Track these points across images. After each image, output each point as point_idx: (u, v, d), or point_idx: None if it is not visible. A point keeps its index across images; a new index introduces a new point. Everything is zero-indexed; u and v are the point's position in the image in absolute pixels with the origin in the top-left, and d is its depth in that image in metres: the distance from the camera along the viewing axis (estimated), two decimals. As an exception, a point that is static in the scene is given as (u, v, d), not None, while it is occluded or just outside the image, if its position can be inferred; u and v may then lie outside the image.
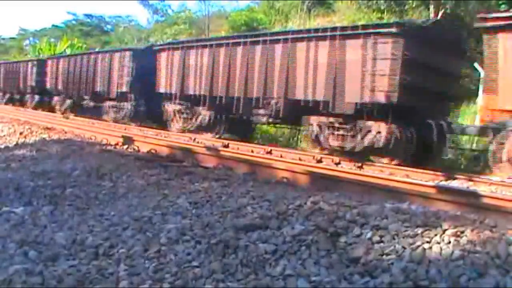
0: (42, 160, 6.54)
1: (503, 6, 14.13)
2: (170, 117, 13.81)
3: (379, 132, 8.69)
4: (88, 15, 48.05)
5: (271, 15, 26.81)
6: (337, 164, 8.67)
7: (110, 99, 16.63)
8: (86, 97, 18.11)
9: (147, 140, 8.90)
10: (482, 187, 6.79)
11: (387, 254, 2.69)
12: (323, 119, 9.61)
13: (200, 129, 12.83)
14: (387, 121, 8.59)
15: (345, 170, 7.03)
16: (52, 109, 20.39)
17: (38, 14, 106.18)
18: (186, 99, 13.22)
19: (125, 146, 8.25)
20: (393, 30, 8.42)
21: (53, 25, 48.91)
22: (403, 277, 2.46)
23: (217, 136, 12.46)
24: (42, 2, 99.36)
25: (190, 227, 3.45)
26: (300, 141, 12.86)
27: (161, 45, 15.54)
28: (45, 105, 21.58)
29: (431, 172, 7.71)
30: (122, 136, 9.10)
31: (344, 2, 24.04)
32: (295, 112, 10.15)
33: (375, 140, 8.72)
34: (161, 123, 14.28)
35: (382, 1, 19.59)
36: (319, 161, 8.85)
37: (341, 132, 9.32)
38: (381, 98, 8.57)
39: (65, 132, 10.16)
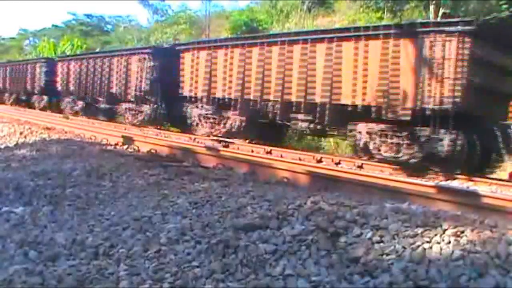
0: (42, 160, 6.54)
1: (503, 6, 14.12)
2: (195, 122, 12.82)
3: (440, 140, 7.88)
4: (88, 15, 48.05)
5: (273, 15, 26.80)
6: (337, 164, 8.66)
7: (127, 101, 15.49)
8: (100, 99, 16.99)
9: (147, 140, 8.90)
10: (482, 187, 6.79)
11: (387, 254, 2.69)
12: (373, 125, 8.73)
13: (229, 134, 11.76)
14: (449, 127, 7.75)
15: (345, 170, 7.03)
16: (61, 111, 19.33)
17: (38, 14, 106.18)
18: (213, 103, 12.19)
19: (125, 146, 8.25)
20: (459, 28, 7.60)
21: (53, 25, 48.93)
22: (403, 277, 2.46)
23: (247, 141, 11.53)
24: (42, 2, 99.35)
25: (190, 227, 3.45)
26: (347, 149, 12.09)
27: (185, 44, 14.36)
28: (54, 106, 20.74)
29: (431, 172, 7.71)
30: (122, 136, 9.10)
31: (344, 2, 24.05)
32: (341, 118, 9.28)
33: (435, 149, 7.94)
34: (184, 127, 13.52)
35: (382, 1, 19.59)
36: (319, 161, 8.85)
37: (394, 140, 8.44)
38: (444, 102, 7.73)
39: (65, 132, 10.16)
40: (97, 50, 26.33)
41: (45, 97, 21.46)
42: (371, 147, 8.75)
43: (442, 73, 7.74)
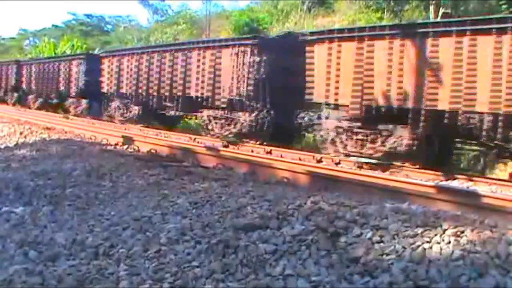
0: (42, 160, 6.54)
1: (503, 6, 14.13)
2: (336, 138, 9.32)
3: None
4: (88, 15, 48.12)
5: (274, 15, 26.80)
6: (337, 164, 8.66)
7: (213, 108, 12.12)
8: (169, 104, 13.57)
9: (147, 140, 8.90)
10: (482, 187, 6.79)
11: (387, 254, 2.69)
12: None
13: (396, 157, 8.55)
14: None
15: (345, 170, 7.03)
16: (110, 118, 16.33)
17: (38, 14, 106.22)
18: (365, 112, 8.77)
19: (125, 146, 8.25)
20: None
21: (53, 25, 48.99)
22: (403, 277, 2.46)
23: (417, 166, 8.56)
24: (42, 2, 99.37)
25: (190, 227, 3.45)
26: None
27: (315, 32, 10.25)
28: (95, 112, 17.62)
29: (431, 172, 7.70)
30: (122, 136, 9.10)
31: (344, 2, 24.06)
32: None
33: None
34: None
35: (382, 1, 19.60)
36: (319, 161, 8.85)
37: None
38: None
39: (65, 132, 10.16)
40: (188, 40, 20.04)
41: (84, 101, 18.46)
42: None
43: None
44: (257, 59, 10.88)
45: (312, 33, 10.13)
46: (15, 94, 24.06)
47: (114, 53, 17.08)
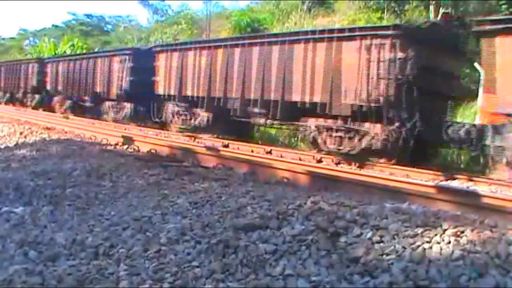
0: (42, 160, 6.54)
1: (503, 6, 14.11)
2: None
3: None
4: (88, 15, 48.14)
5: (275, 15, 26.80)
6: (337, 164, 8.66)
7: (325, 117, 9.57)
8: (256, 110, 10.86)
9: (147, 140, 8.90)
10: (482, 187, 6.79)
11: (387, 254, 2.69)
12: None
13: None
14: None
15: (345, 170, 7.03)
16: (164, 126, 13.90)
17: (38, 14, 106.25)
18: None
19: (125, 146, 8.26)
20: None
21: (53, 25, 49.01)
22: (403, 277, 2.46)
23: None
24: (42, 2, 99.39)
25: (190, 227, 3.45)
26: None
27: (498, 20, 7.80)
28: (140, 117, 15.17)
29: (431, 172, 7.71)
30: (122, 136, 9.10)
31: (344, 2, 24.06)
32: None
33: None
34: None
35: (382, 1, 19.59)
36: (319, 161, 8.85)
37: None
38: None
39: (65, 132, 10.17)
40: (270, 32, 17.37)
41: (128, 105, 15.64)
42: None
43: None
44: (401, 55, 8.39)
45: (492, 21, 7.64)
46: (36, 96, 21.87)
47: (175, 47, 14.23)
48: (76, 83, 18.64)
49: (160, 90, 14.16)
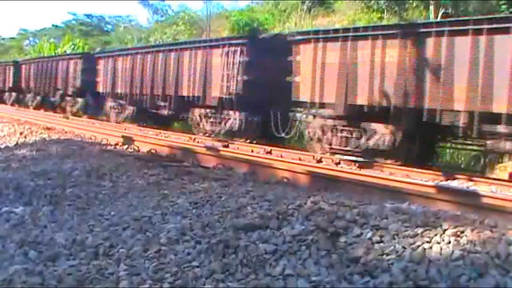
0: (42, 160, 6.54)
1: (503, 7, 14.12)
2: None
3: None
4: (88, 15, 48.05)
5: (276, 15, 26.79)
6: (337, 164, 8.66)
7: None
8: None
9: (147, 140, 8.90)
10: (482, 187, 6.78)
11: (387, 254, 2.69)
12: None
13: None
14: None
15: (345, 170, 7.03)
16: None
17: (38, 14, 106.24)
18: None
19: (125, 146, 8.26)
20: None
21: (53, 25, 48.94)
22: (403, 277, 2.46)
23: None
24: (42, 2, 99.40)
25: (190, 227, 3.45)
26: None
27: None
28: (257, 132, 11.15)
29: (431, 172, 7.70)
30: (122, 136, 9.10)
31: (344, 2, 24.05)
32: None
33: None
34: None
35: (382, 1, 19.59)
36: (319, 161, 8.84)
37: None
38: None
39: (65, 132, 10.17)
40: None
41: (239, 115, 11.06)
42: None
43: None
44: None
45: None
46: (79, 100, 18.27)
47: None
48: (147, 84, 14.12)
49: (304, 95, 9.65)
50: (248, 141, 10.98)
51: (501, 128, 7.07)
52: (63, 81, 19.07)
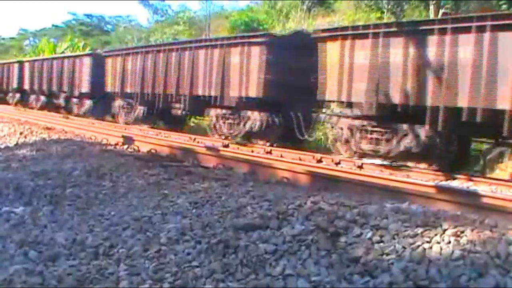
0: (42, 160, 6.54)
1: (503, 6, 14.13)
2: None
3: None
4: (88, 15, 48.10)
5: (272, 15, 26.79)
6: (337, 164, 8.65)
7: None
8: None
9: (147, 140, 8.90)
10: (482, 187, 6.78)
11: (387, 254, 2.69)
12: None
13: None
14: None
15: (345, 170, 7.02)
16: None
17: (38, 14, 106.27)
18: None
19: (125, 146, 8.25)
20: None
21: (53, 25, 48.98)
22: (403, 277, 2.46)
23: None
24: (42, 2, 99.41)
25: (190, 227, 3.45)
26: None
27: None
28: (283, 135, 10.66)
29: (431, 172, 7.70)
30: (122, 136, 9.09)
31: (344, 2, 24.06)
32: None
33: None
34: None
35: (382, 1, 19.60)
36: (319, 161, 8.84)
37: None
38: None
39: (65, 132, 10.16)
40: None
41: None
42: None
43: None
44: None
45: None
46: (87, 102, 17.61)
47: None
48: (159, 83, 13.40)
49: (330, 94, 9.14)
50: (268, 143, 10.59)
51: None
52: (70, 81, 18.28)
